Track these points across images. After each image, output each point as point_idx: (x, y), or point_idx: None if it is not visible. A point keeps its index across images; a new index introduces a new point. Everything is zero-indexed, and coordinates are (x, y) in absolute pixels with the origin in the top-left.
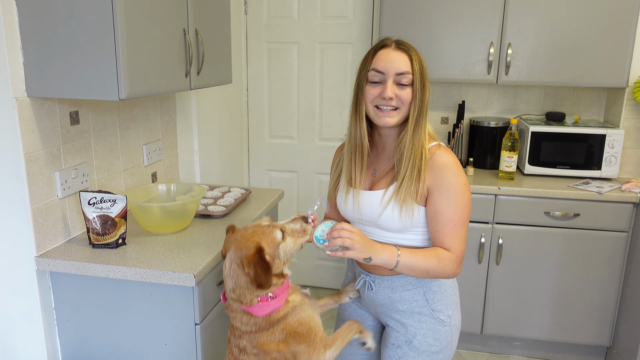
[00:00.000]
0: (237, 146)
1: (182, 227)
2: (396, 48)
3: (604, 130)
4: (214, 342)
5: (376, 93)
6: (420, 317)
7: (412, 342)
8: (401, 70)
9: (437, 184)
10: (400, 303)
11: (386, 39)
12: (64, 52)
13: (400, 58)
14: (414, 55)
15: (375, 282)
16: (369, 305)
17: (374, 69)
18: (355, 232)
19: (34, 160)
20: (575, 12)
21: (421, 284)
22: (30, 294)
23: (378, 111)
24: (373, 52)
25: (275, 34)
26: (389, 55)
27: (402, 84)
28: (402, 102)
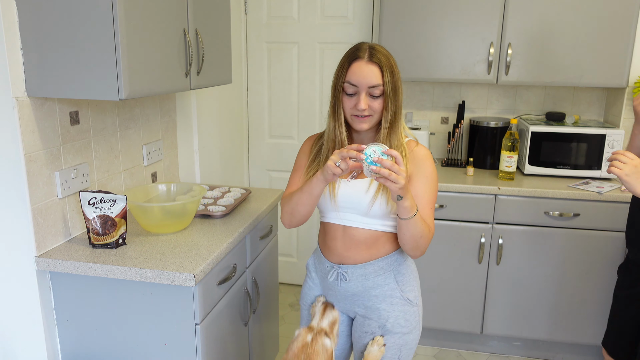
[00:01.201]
0: (237, 146)
1: (182, 227)
2: (368, 61)
3: (604, 130)
4: (214, 342)
5: (352, 104)
6: (392, 299)
7: (386, 326)
8: (373, 84)
9: (418, 172)
10: (373, 289)
11: (360, 48)
12: (64, 52)
13: (372, 72)
14: (385, 66)
15: (348, 272)
16: (340, 298)
17: (348, 82)
18: (402, 170)
19: (34, 160)
20: (576, 12)
21: (391, 268)
22: (30, 294)
23: (355, 118)
24: (347, 63)
25: (275, 34)
26: (361, 69)
27: (374, 95)
28: (374, 110)
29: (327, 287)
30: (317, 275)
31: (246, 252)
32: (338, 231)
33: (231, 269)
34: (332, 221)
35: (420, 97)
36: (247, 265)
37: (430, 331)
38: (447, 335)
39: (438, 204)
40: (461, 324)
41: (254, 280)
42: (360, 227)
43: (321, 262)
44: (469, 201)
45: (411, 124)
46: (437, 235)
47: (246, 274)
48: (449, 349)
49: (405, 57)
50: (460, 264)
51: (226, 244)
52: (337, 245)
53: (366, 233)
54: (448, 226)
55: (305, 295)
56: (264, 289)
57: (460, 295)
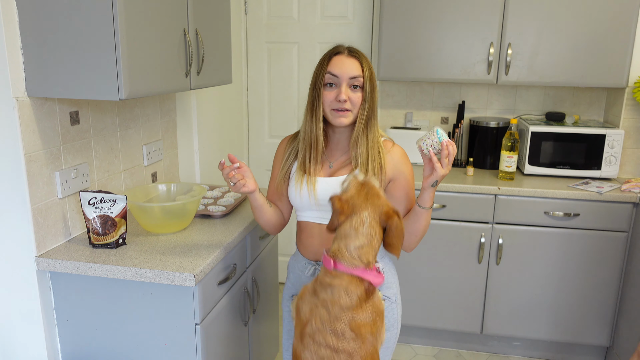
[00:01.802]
0: (237, 146)
1: (182, 227)
2: (349, 55)
3: (604, 130)
4: (214, 342)
5: (332, 97)
6: None
7: None
8: (354, 75)
9: (401, 172)
10: None
11: (339, 46)
12: (64, 52)
13: (353, 64)
14: (364, 61)
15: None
16: None
17: (329, 73)
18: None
19: (34, 160)
20: (576, 12)
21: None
22: (30, 294)
23: (335, 112)
24: (328, 58)
25: (275, 34)
26: (342, 61)
27: (355, 85)
28: (353, 104)
29: (302, 284)
30: (294, 274)
31: (246, 252)
32: (314, 229)
33: (231, 269)
34: (308, 220)
35: (420, 97)
36: (247, 265)
37: (430, 331)
38: (447, 335)
39: (439, 204)
40: (461, 324)
41: (254, 280)
42: None
43: (298, 261)
44: (469, 201)
45: (411, 123)
46: (437, 235)
47: (246, 274)
48: (449, 349)
49: (405, 57)
50: (460, 264)
51: (226, 244)
52: (314, 242)
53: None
54: (448, 226)
55: (284, 297)
56: (264, 289)
57: (460, 295)
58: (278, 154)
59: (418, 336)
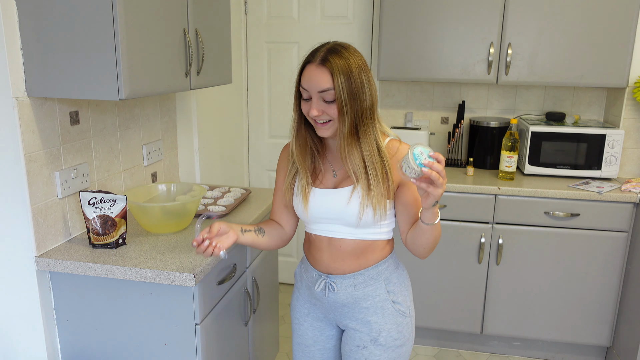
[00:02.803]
0: (237, 146)
1: (182, 227)
2: (319, 64)
3: (604, 130)
4: (214, 342)
5: (307, 109)
6: (384, 311)
7: (378, 340)
8: (322, 88)
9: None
10: (364, 300)
11: (317, 50)
12: (64, 52)
13: (321, 75)
14: (338, 70)
15: (337, 283)
16: (329, 309)
17: (301, 86)
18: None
19: (34, 160)
20: (575, 12)
21: (382, 277)
22: (30, 294)
23: (316, 124)
24: (302, 66)
25: (275, 34)
26: (311, 73)
27: (327, 100)
28: (331, 116)
29: (314, 297)
30: (303, 284)
31: (246, 252)
32: (323, 242)
33: (231, 269)
34: (317, 233)
35: (420, 97)
36: (247, 265)
37: (430, 331)
38: (447, 335)
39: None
40: (461, 324)
41: (254, 280)
42: (347, 238)
43: (307, 271)
44: (469, 201)
45: (411, 123)
46: None
47: (246, 274)
48: (449, 349)
49: (405, 57)
50: (460, 264)
51: None
52: (324, 256)
53: (354, 243)
54: (448, 226)
55: (294, 307)
56: (264, 289)
57: (460, 295)
58: (281, 162)
59: (418, 336)
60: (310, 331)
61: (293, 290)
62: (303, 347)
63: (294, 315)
